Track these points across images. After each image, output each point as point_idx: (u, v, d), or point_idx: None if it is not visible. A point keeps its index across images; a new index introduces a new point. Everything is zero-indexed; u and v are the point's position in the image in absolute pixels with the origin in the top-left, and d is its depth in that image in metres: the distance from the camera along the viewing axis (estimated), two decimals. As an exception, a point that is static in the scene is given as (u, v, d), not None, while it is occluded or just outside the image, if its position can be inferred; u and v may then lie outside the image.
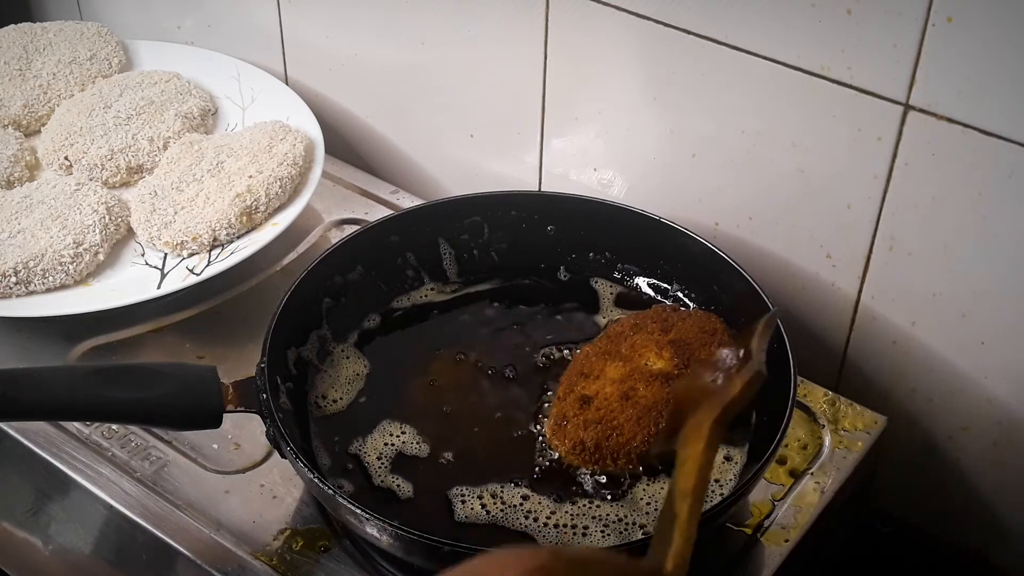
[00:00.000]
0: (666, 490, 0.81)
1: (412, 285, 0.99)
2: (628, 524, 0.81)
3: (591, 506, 0.82)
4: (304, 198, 1.06)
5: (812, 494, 0.87)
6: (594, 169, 1.07)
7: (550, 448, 0.85)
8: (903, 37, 0.82)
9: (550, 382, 0.91)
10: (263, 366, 0.83)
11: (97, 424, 0.92)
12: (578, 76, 1.03)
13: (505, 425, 0.88)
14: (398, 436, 0.87)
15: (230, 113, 1.20)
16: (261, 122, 1.14)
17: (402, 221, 0.99)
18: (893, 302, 0.94)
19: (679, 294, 0.98)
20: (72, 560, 0.95)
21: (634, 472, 0.83)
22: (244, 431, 0.91)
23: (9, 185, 1.11)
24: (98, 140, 1.12)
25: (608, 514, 0.81)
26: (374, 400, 0.90)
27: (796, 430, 0.91)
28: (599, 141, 1.05)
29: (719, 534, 0.84)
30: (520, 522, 0.81)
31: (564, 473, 0.84)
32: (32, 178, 1.13)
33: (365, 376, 0.92)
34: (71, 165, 1.12)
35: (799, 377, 0.88)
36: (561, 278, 1.01)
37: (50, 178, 1.11)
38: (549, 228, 1.00)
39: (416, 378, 0.92)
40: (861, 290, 0.95)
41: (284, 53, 1.24)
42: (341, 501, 0.75)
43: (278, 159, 1.07)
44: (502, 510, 0.81)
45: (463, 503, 0.82)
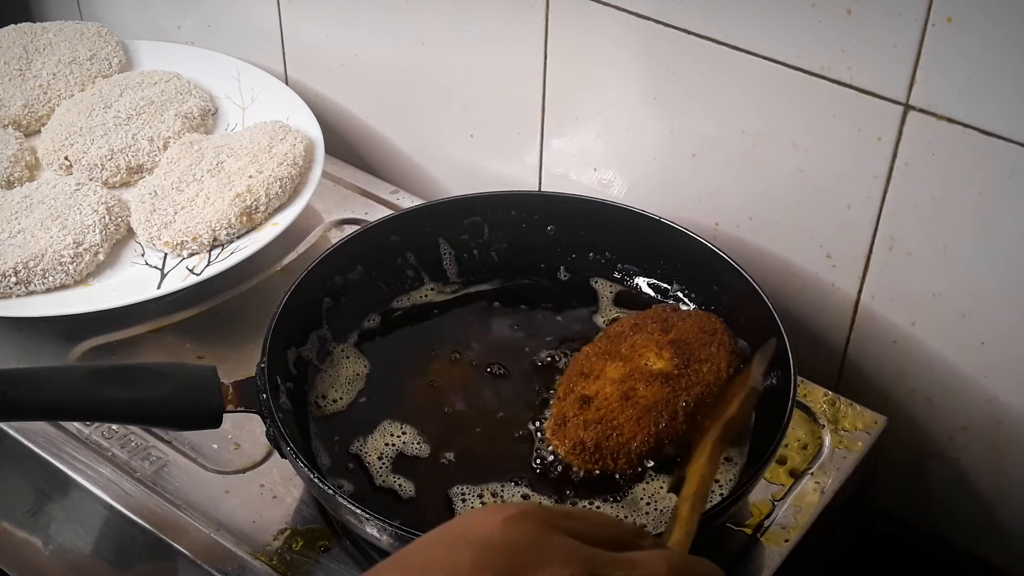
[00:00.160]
0: (665, 489, 0.82)
1: (412, 285, 0.99)
2: (628, 524, 0.81)
3: (591, 506, 0.82)
4: (304, 198, 1.06)
5: (812, 494, 0.87)
6: (594, 169, 1.07)
7: (550, 448, 0.85)
8: (903, 37, 0.82)
9: (550, 382, 0.91)
10: (263, 366, 0.83)
11: (97, 424, 0.92)
12: (578, 76, 1.03)
13: (505, 425, 0.88)
14: (399, 436, 0.87)
15: (230, 113, 1.20)
16: (261, 122, 1.14)
17: (402, 221, 0.99)
18: (893, 302, 0.94)
19: (679, 294, 0.98)
20: (72, 560, 0.95)
21: (634, 472, 0.83)
22: (244, 431, 0.91)
23: (9, 185, 1.11)
24: (98, 140, 1.12)
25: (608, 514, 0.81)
26: (374, 400, 0.90)
27: (796, 430, 0.91)
28: (599, 141, 1.05)
29: (719, 534, 0.84)
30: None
31: (564, 473, 0.84)
32: (32, 178, 1.13)
33: (365, 376, 0.92)
34: (71, 165, 1.12)
35: (799, 377, 0.88)
36: (561, 278, 1.01)
37: (50, 178, 1.11)
38: (549, 228, 1.00)
39: (416, 378, 0.92)
40: (861, 290, 0.95)
41: (284, 53, 1.24)
42: (341, 501, 0.75)
43: (278, 159, 1.07)
44: (502, 510, 0.81)
45: (464, 503, 0.82)
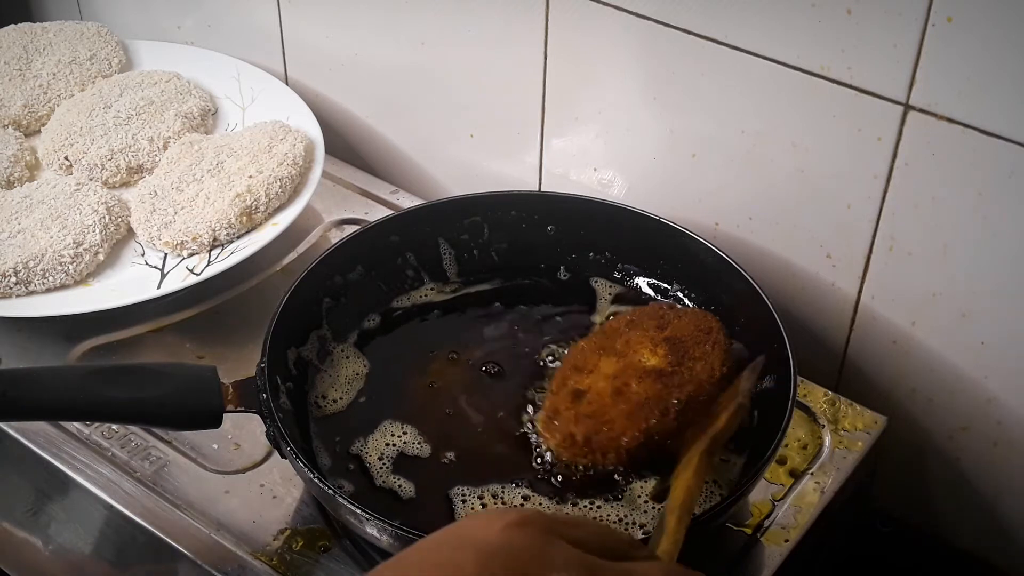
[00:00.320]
0: (704, 477, 0.81)
1: (412, 285, 0.99)
2: (628, 524, 0.81)
3: (591, 506, 0.82)
4: (304, 198, 1.06)
5: (812, 494, 0.87)
6: (594, 169, 1.07)
7: (541, 441, 0.85)
8: (903, 37, 0.82)
9: (550, 382, 0.90)
10: (263, 366, 0.83)
11: (97, 424, 0.92)
12: (578, 76, 1.02)
13: (505, 425, 0.88)
14: (399, 436, 0.87)
15: (230, 113, 1.20)
16: (261, 122, 1.14)
17: (402, 221, 0.99)
18: (893, 302, 0.94)
19: (679, 294, 0.98)
20: (72, 560, 0.95)
21: (623, 468, 0.83)
22: (244, 431, 0.91)
23: (9, 185, 1.11)
24: (98, 140, 1.12)
25: (608, 514, 0.81)
26: (374, 400, 0.90)
27: (796, 430, 0.91)
28: (599, 141, 1.05)
29: (719, 534, 0.84)
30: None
31: (564, 473, 0.84)
32: (32, 178, 1.13)
33: (365, 376, 0.92)
34: (71, 165, 1.12)
35: (799, 377, 0.88)
36: (561, 278, 1.01)
37: (50, 178, 1.11)
38: (549, 228, 1.00)
39: (416, 378, 0.92)
40: (861, 290, 0.95)
41: (284, 53, 1.24)
42: (341, 501, 0.75)
43: (278, 159, 1.07)
44: (502, 510, 0.81)
45: (464, 503, 0.82)
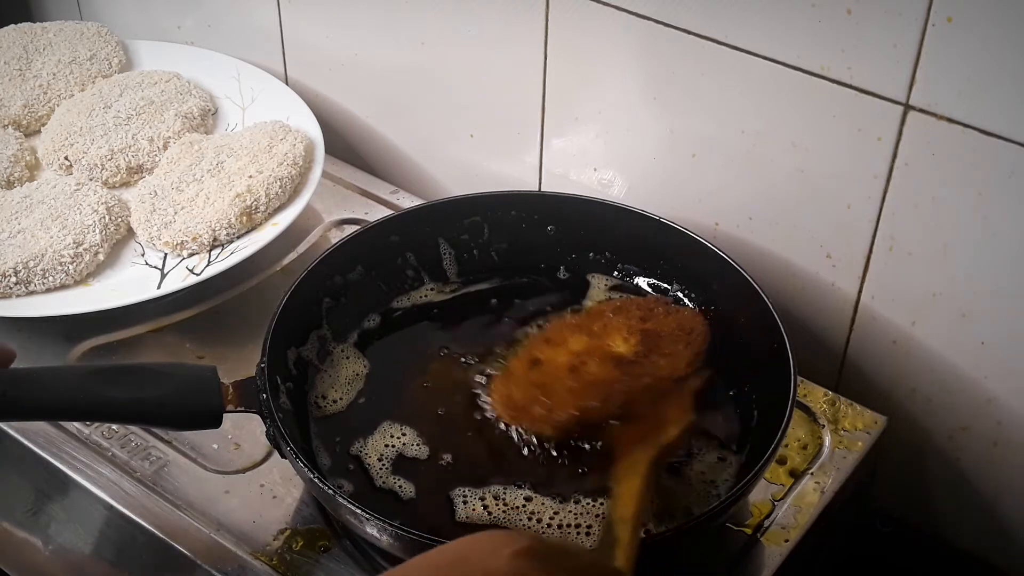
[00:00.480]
0: (652, 487, 0.82)
1: (412, 285, 0.99)
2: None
3: (594, 504, 0.82)
4: (304, 198, 1.06)
5: (812, 494, 0.87)
6: (594, 169, 1.07)
7: (487, 400, 0.87)
8: (903, 37, 0.81)
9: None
10: (263, 366, 0.83)
11: (97, 424, 0.92)
12: (578, 76, 1.02)
13: (506, 424, 0.88)
14: (399, 437, 0.87)
15: (230, 113, 1.20)
16: (261, 122, 1.14)
17: (402, 221, 0.99)
18: (893, 302, 0.94)
19: (679, 294, 0.98)
20: (72, 560, 0.95)
21: (552, 440, 0.84)
22: (244, 431, 0.91)
23: (9, 185, 1.11)
24: (98, 140, 1.12)
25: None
26: (374, 400, 0.90)
27: (796, 430, 0.91)
28: (599, 141, 1.05)
29: (719, 534, 0.84)
30: (524, 523, 0.81)
31: (566, 472, 0.84)
32: (32, 178, 1.13)
33: (365, 376, 0.92)
34: (71, 165, 1.12)
35: (799, 377, 0.88)
36: (561, 277, 1.01)
37: (50, 178, 1.11)
38: (549, 228, 1.00)
39: (416, 378, 0.92)
40: (861, 290, 0.95)
41: (284, 53, 1.24)
42: (341, 501, 0.75)
43: (278, 159, 1.07)
44: (504, 511, 0.81)
45: (465, 505, 0.82)
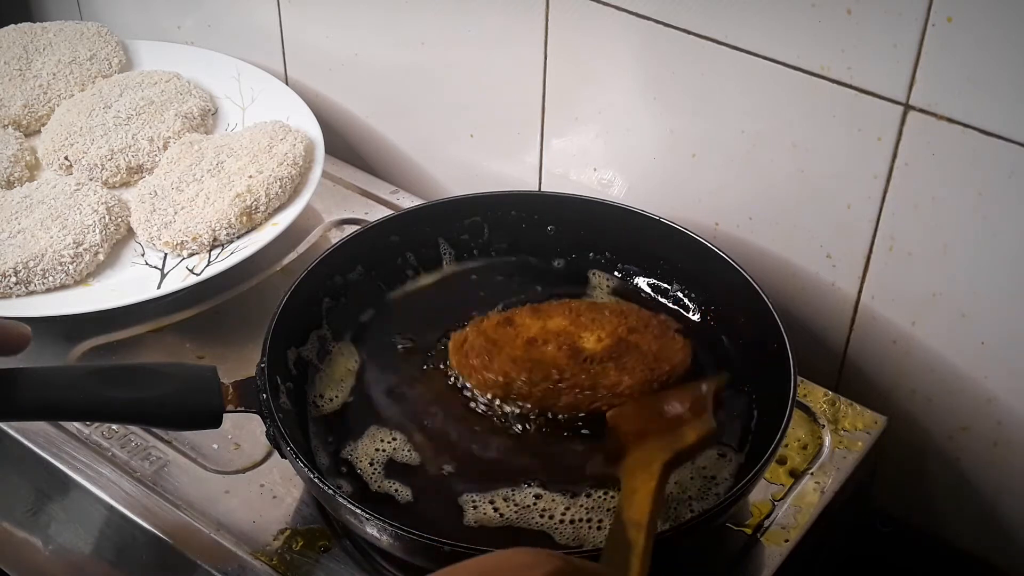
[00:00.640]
0: (665, 491, 0.82)
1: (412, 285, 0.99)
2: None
3: (606, 497, 0.81)
4: (304, 198, 1.06)
5: (812, 494, 0.87)
6: (594, 169, 1.07)
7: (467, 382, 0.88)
8: (903, 37, 0.81)
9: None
10: (263, 366, 0.83)
11: (97, 424, 0.92)
12: (578, 76, 1.02)
13: (507, 425, 0.88)
14: (393, 440, 0.87)
15: (230, 113, 1.20)
16: (261, 122, 1.14)
17: (402, 221, 0.99)
18: (893, 302, 0.94)
19: (679, 294, 0.98)
20: (72, 560, 0.95)
21: (484, 398, 0.86)
22: (244, 431, 0.91)
23: (9, 185, 1.11)
24: (98, 140, 1.12)
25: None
26: (374, 400, 0.90)
27: (796, 430, 0.91)
28: (599, 141, 1.05)
29: (719, 534, 0.84)
30: (536, 521, 0.80)
31: (574, 467, 0.83)
32: (32, 178, 1.13)
33: (355, 373, 0.92)
34: (71, 165, 1.12)
35: (799, 377, 0.88)
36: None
37: (50, 178, 1.11)
38: (549, 228, 1.00)
39: (416, 378, 0.91)
40: (861, 290, 0.95)
41: (284, 53, 1.24)
42: (341, 501, 0.75)
43: (278, 159, 1.07)
44: (516, 511, 0.81)
45: (475, 509, 0.81)
